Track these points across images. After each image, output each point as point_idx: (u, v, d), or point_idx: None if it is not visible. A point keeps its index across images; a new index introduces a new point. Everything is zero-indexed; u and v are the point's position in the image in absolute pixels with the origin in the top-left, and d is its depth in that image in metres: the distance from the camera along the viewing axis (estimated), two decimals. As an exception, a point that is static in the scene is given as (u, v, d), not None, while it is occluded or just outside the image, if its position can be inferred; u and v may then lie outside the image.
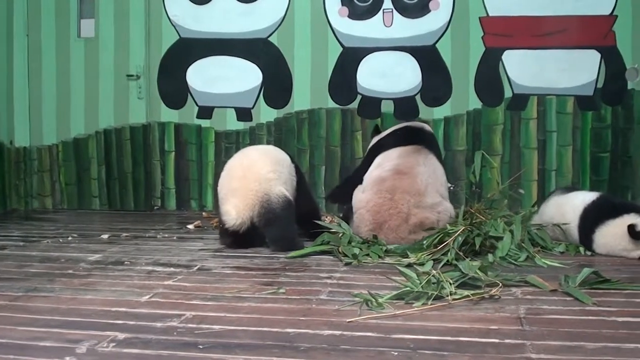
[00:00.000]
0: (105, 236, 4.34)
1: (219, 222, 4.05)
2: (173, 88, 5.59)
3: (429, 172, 4.01)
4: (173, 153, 5.60)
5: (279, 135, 5.47)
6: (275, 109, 5.49)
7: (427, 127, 4.51)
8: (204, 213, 5.34)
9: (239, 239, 3.86)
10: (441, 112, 5.28)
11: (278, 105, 5.49)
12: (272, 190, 3.78)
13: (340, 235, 3.73)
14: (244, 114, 5.53)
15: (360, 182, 4.10)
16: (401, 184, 3.88)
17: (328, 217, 4.51)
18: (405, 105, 5.31)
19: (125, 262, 3.51)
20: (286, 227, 3.81)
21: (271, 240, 3.81)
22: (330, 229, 3.82)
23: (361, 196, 3.99)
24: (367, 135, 5.28)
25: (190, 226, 4.71)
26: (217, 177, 4.22)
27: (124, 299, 2.75)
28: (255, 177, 3.81)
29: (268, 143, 5.36)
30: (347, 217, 4.10)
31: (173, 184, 5.61)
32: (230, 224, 3.79)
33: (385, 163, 4.08)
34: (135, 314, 2.54)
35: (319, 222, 3.84)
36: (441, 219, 3.82)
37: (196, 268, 3.38)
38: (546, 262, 3.39)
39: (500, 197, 4.52)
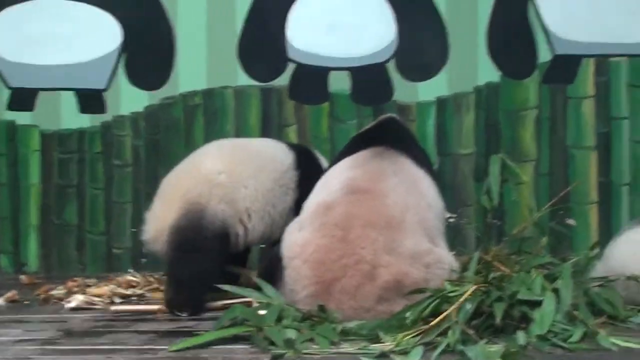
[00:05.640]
0: None
1: None
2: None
3: (405, 187, 3.97)
4: (-39, 172, 5.38)
5: (153, 135, 5.41)
6: (146, 90, 5.42)
7: (392, 117, 4.55)
8: (23, 276, 5.20)
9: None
10: (432, 89, 5.31)
11: (151, 84, 5.42)
12: (210, 203, 4.02)
13: (263, 307, 3.63)
14: (91, 100, 5.45)
15: None
16: (360, 211, 3.81)
17: (242, 273, 4.50)
18: (369, 79, 5.31)
19: None
20: (198, 274, 3.98)
21: (171, 285, 4.04)
22: (244, 296, 3.75)
23: (296, 237, 3.90)
24: (304, 132, 5.37)
25: (0, 300, 4.57)
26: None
27: None
28: (194, 174, 4.10)
29: (136, 147, 5.39)
30: (273, 272, 3.98)
31: (-37, 228, 5.39)
32: (145, 238, 4.13)
33: (332, 180, 4.05)
34: None
35: (233, 270, 4.16)
36: (431, 278, 3.73)
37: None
38: (617, 342, 3.26)
39: (536, 232, 4.49)
